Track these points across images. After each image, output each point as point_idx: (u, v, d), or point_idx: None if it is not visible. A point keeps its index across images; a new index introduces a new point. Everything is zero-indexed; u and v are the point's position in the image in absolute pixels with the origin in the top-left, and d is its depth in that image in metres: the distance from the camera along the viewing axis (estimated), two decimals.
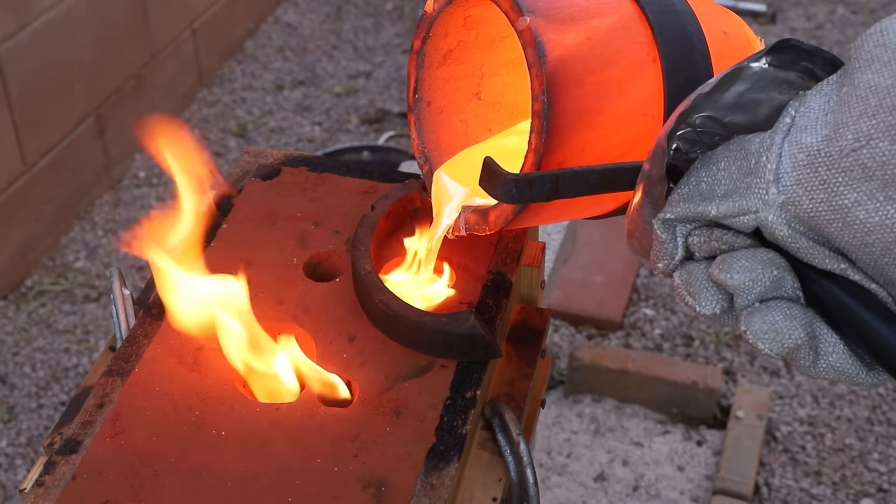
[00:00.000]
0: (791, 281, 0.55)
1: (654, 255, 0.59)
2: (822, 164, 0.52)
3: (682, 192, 0.57)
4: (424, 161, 0.97)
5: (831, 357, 0.55)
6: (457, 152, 0.97)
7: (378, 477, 0.80)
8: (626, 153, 0.82)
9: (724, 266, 0.56)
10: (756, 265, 0.55)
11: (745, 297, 0.55)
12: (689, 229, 0.58)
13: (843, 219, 0.52)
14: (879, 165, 0.50)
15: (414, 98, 0.96)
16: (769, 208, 0.54)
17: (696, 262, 0.58)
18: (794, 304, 0.55)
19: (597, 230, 2.56)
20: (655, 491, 2.04)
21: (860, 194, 0.51)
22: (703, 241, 0.57)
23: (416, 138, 0.97)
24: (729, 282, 0.55)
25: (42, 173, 2.56)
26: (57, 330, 2.42)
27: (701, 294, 0.57)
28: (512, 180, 0.62)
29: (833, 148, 0.51)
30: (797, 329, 0.54)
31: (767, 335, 0.54)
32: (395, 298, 0.90)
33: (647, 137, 0.82)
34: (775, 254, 0.56)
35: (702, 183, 0.57)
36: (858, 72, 0.52)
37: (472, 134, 0.98)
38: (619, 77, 0.80)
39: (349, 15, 3.68)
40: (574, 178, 0.62)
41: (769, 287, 0.55)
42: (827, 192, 0.52)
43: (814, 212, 0.52)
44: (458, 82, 0.97)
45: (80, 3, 2.58)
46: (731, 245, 0.56)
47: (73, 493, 0.80)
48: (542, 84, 0.77)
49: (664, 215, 0.58)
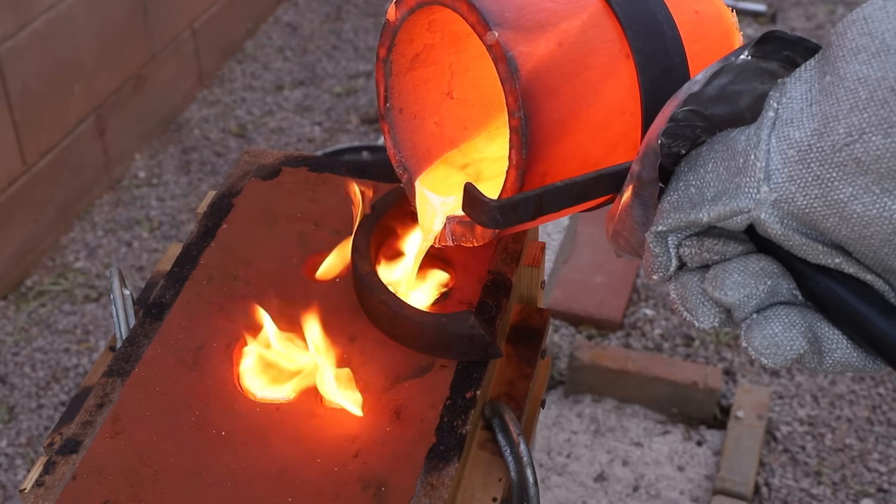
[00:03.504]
0: (786, 285, 0.55)
1: (648, 266, 0.59)
2: (814, 160, 0.51)
3: (672, 201, 0.57)
4: (403, 171, 0.95)
5: (836, 354, 0.55)
6: (434, 157, 0.96)
7: (378, 477, 0.80)
8: (607, 154, 0.81)
9: (717, 283, 0.55)
10: (749, 279, 0.54)
11: (741, 311, 0.55)
12: (681, 238, 0.57)
13: (840, 213, 0.51)
14: (874, 160, 0.49)
15: (385, 107, 0.93)
16: (761, 207, 0.53)
17: (691, 272, 0.58)
18: (791, 309, 0.55)
19: (597, 230, 2.56)
20: (655, 491, 2.04)
21: (856, 188, 0.50)
22: (694, 253, 0.57)
23: (391, 147, 0.94)
24: (724, 299, 0.55)
25: (42, 173, 2.55)
26: (57, 330, 2.42)
27: (698, 310, 0.57)
28: (495, 207, 0.61)
29: (825, 143, 0.51)
30: (797, 338, 0.54)
31: (769, 349, 0.54)
32: (396, 298, 0.90)
33: (628, 136, 0.81)
34: (767, 260, 0.55)
35: (690, 187, 0.56)
36: (843, 61, 0.51)
37: (448, 135, 0.97)
38: (594, 80, 0.78)
39: (349, 15, 3.68)
40: (557, 193, 0.62)
41: (765, 297, 0.55)
42: (821, 188, 0.51)
43: (808, 208, 0.52)
44: (428, 84, 0.95)
45: (80, 3, 2.58)
46: (722, 255, 0.56)
47: (73, 493, 0.80)
48: (517, 100, 0.75)
49: (656, 228, 0.57)
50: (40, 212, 2.59)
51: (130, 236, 2.69)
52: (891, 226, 0.50)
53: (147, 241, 2.68)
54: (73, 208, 2.72)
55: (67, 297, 2.51)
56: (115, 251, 2.64)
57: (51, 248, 2.64)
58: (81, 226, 2.72)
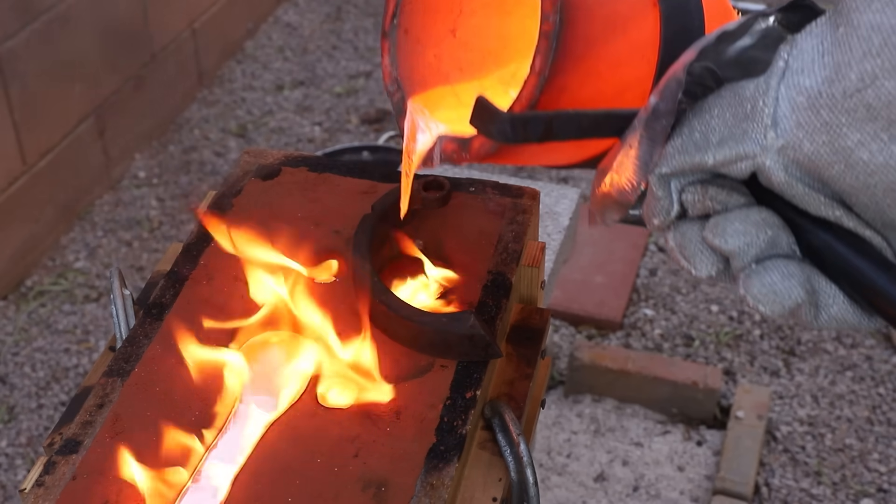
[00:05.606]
0: (786, 237, 0.55)
1: (650, 210, 0.59)
2: (823, 106, 0.51)
3: (676, 144, 0.57)
4: (396, 88, 0.94)
5: (832, 309, 0.55)
6: (427, 85, 0.96)
7: (378, 477, 0.80)
8: (618, 94, 0.81)
9: (717, 230, 0.56)
10: (750, 227, 0.55)
11: (740, 259, 0.55)
12: (684, 184, 0.58)
13: (846, 160, 0.51)
14: (885, 105, 0.49)
15: (391, 24, 0.93)
16: (767, 153, 0.53)
17: (690, 221, 0.58)
18: (790, 261, 0.55)
19: (597, 230, 2.56)
20: (655, 491, 2.04)
21: (864, 135, 0.50)
22: (696, 200, 0.57)
23: (388, 65, 0.95)
24: (724, 246, 0.55)
25: (42, 173, 2.56)
26: (57, 330, 2.42)
27: (696, 257, 0.57)
28: (508, 119, 0.61)
29: (835, 89, 0.51)
30: (796, 288, 0.54)
31: (767, 297, 0.54)
32: (396, 298, 0.90)
33: (640, 81, 0.81)
34: (768, 212, 0.56)
35: (695, 132, 0.56)
36: (856, 12, 0.51)
37: (444, 71, 0.97)
38: (625, 13, 0.80)
39: (349, 15, 3.68)
40: (568, 119, 0.62)
41: (765, 248, 0.55)
42: (829, 134, 0.51)
43: (815, 154, 0.52)
44: (437, 16, 0.94)
45: (81, 3, 2.58)
46: (724, 205, 0.56)
47: (73, 493, 0.80)
48: (555, 4, 0.76)
49: (660, 170, 0.57)
50: (40, 212, 2.59)
51: (130, 236, 2.69)
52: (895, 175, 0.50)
53: (147, 241, 2.68)
54: (73, 208, 2.72)
55: (67, 297, 2.51)
56: (115, 251, 2.65)
57: (51, 248, 2.64)
58: (81, 226, 2.72)
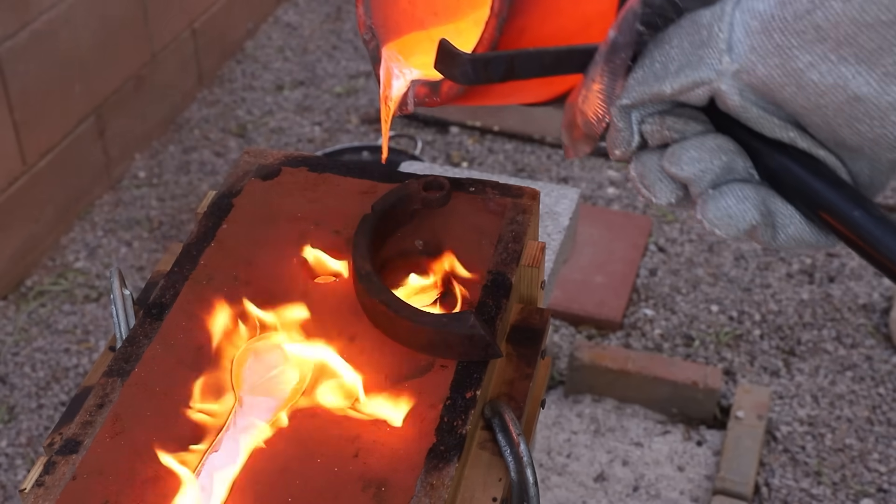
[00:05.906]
0: (742, 162, 0.57)
1: (611, 142, 0.60)
2: (775, 29, 0.52)
3: (637, 76, 0.58)
4: (371, 37, 0.94)
5: (789, 229, 0.57)
6: (402, 32, 0.96)
7: (378, 477, 0.80)
8: (582, 30, 0.81)
9: (674, 159, 0.57)
10: (704, 154, 0.56)
11: (697, 185, 0.57)
12: (644, 115, 0.59)
13: (798, 82, 0.52)
14: (833, 25, 0.50)
15: None
16: (722, 78, 0.54)
17: (650, 151, 0.59)
18: (746, 184, 0.56)
19: (597, 230, 2.56)
20: (655, 491, 2.04)
21: (814, 56, 0.51)
22: (655, 130, 0.58)
23: (362, 14, 0.95)
24: (680, 174, 0.57)
25: (42, 173, 2.56)
26: (57, 330, 2.42)
27: (656, 186, 0.59)
28: (468, 60, 0.63)
29: (787, 12, 0.52)
30: (750, 210, 0.56)
31: (722, 220, 0.56)
32: (396, 298, 0.90)
33: (603, 17, 0.81)
34: (724, 138, 0.57)
35: (655, 63, 0.57)
36: None
37: (419, 16, 0.97)
38: None
39: (349, 15, 3.68)
40: (529, 58, 0.63)
41: (720, 173, 0.56)
42: (781, 57, 0.52)
43: (767, 77, 0.53)
44: None
45: (81, 3, 2.58)
46: (681, 133, 0.57)
47: (73, 493, 0.80)
48: None
49: (621, 102, 0.59)
50: (40, 212, 2.59)
51: (130, 236, 2.69)
52: (844, 94, 0.51)
53: (147, 241, 2.68)
54: (73, 208, 2.72)
55: (67, 297, 2.51)
56: (115, 251, 2.65)
57: (51, 248, 2.64)
58: (81, 226, 2.72)
